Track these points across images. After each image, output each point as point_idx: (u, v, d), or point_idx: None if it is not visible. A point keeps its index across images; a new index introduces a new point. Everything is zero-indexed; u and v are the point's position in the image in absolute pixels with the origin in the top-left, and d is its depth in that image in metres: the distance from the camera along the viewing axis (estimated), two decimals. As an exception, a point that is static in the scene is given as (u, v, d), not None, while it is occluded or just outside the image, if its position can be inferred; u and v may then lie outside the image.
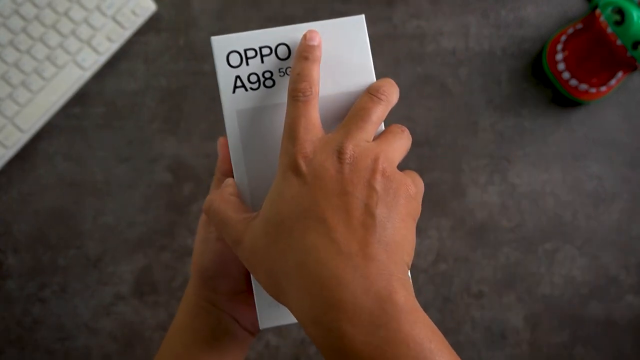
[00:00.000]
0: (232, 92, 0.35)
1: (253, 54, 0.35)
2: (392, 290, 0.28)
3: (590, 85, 0.62)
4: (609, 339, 0.62)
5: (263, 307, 0.35)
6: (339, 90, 0.35)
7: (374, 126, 0.33)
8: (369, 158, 0.31)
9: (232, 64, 0.35)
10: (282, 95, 0.35)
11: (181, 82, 0.63)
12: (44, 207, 0.61)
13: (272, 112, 0.35)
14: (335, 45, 0.35)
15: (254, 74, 0.35)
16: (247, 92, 0.35)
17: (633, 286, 0.62)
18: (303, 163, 0.31)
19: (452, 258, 0.62)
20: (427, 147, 0.63)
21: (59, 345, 0.60)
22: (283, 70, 0.35)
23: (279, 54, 0.35)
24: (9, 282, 0.61)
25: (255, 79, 0.35)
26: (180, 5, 0.64)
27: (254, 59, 0.35)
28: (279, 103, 0.35)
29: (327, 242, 0.29)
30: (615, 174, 0.63)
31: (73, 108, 0.62)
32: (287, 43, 0.35)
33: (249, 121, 0.35)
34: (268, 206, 0.31)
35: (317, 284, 0.28)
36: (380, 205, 0.30)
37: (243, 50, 0.35)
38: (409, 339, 0.27)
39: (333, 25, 0.36)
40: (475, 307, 0.61)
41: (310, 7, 0.64)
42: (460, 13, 0.65)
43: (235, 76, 0.35)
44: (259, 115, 0.35)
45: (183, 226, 0.61)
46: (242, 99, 0.35)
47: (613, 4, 0.58)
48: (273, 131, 0.35)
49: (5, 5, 0.60)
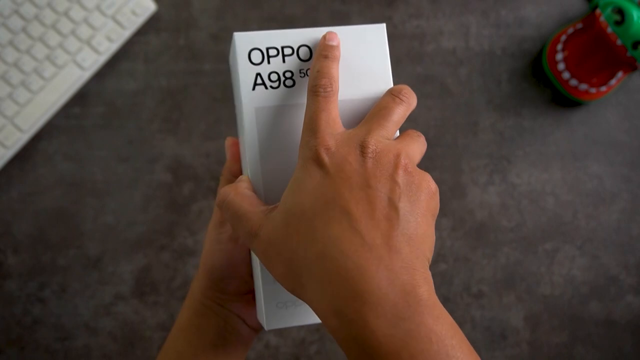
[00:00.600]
0: (252, 89, 0.35)
1: (275, 52, 0.35)
2: (415, 284, 0.28)
3: (590, 85, 0.62)
4: (609, 339, 0.62)
5: (270, 308, 0.35)
6: (357, 95, 0.35)
7: (395, 125, 0.33)
8: (391, 153, 0.31)
9: (254, 61, 0.35)
10: (302, 96, 0.35)
11: (181, 82, 0.63)
12: (44, 207, 0.61)
13: (291, 112, 0.35)
14: (355, 51, 0.36)
15: (274, 72, 0.35)
16: (267, 90, 0.35)
17: (633, 286, 0.62)
18: (325, 155, 0.31)
19: (452, 258, 0.62)
20: (427, 147, 0.63)
21: (59, 345, 0.60)
22: (304, 71, 0.35)
23: (300, 55, 0.35)
24: (9, 282, 0.61)
25: (276, 77, 0.35)
26: (180, 5, 0.64)
27: (276, 57, 0.35)
28: (298, 103, 0.35)
29: (350, 233, 0.29)
30: (615, 174, 0.63)
31: (73, 108, 0.62)
32: (309, 45, 0.36)
33: (267, 119, 0.35)
34: (288, 197, 0.31)
35: (340, 275, 0.28)
36: (403, 200, 0.30)
37: (265, 48, 0.35)
38: (431, 333, 0.27)
39: (354, 31, 0.36)
40: (475, 307, 0.61)
41: (310, 6, 0.64)
42: (460, 13, 0.65)
43: (256, 73, 0.35)
44: (278, 114, 0.35)
45: (183, 226, 0.61)
46: (262, 96, 0.35)
47: (613, 4, 0.58)
48: (291, 131, 0.35)
49: (5, 5, 0.60)
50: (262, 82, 0.35)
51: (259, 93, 0.35)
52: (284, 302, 0.35)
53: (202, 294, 0.40)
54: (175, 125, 0.63)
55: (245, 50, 0.35)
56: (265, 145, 0.35)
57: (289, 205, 0.31)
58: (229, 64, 0.45)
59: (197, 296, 0.40)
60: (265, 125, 0.35)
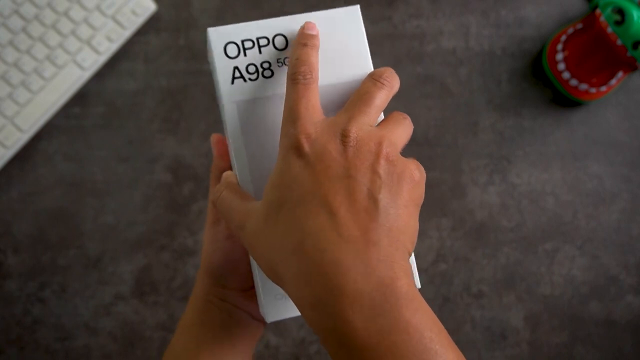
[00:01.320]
0: (231, 83, 0.34)
1: (250, 44, 0.35)
2: (393, 277, 0.28)
3: (590, 85, 0.62)
4: (609, 339, 0.62)
5: (269, 300, 0.35)
6: (337, 80, 0.35)
7: (377, 111, 0.32)
8: (372, 142, 0.30)
9: (230, 55, 0.35)
10: (282, 86, 0.35)
11: (181, 82, 0.63)
12: (44, 207, 0.61)
13: (272, 103, 0.35)
14: (332, 35, 0.35)
15: (252, 64, 0.35)
16: (246, 83, 0.34)
17: (633, 286, 0.62)
18: (306, 144, 0.30)
19: (452, 258, 0.62)
20: (427, 147, 0.63)
21: (59, 345, 0.60)
22: (281, 60, 0.35)
23: (276, 45, 0.35)
24: (9, 282, 0.61)
25: (254, 69, 0.35)
26: (180, 5, 0.64)
27: (252, 49, 0.35)
28: (278, 93, 0.35)
29: (328, 226, 0.28)
30: (615, 174, 0.63)
31: (73, 108, 0.62)
32: (284, 34, 0.35)
33: (249, 112, 0.34)
34: (269, 189, 0.31)
35: (316, 269, 0.28)
36: (383, 191, 0.29)
37: (240, 41, 0.35)
38: (409, 326, 0.27)
39: (329, 15, 0.35)
40: (475, 307, 0.61)
41: (310, 6, 0.64)
42: (460, 13, 0.65)
43: (233, 67, 0.34)
44: (259, 106, 0.35)
45: (183, 226, 0.61)
46: (241, 90, 0.34)
47: (613, 3, 0.58)
48: (274, 122, 0.35)
49: (5, 5, 0.60)
50: (240, 75, 0.35)
51: (238, 86, 0.34)
52: (282, 294, 0.35)
53: (205, 292, 0.40)
54: (175, 125, 0.63)
55: (220, 44, 0.34)
56: (249, 139, 0.34)
57: (270, 197, 0.30)
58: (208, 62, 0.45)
59: (200, 294, 0.40)
60: (248, 119, 0.34)
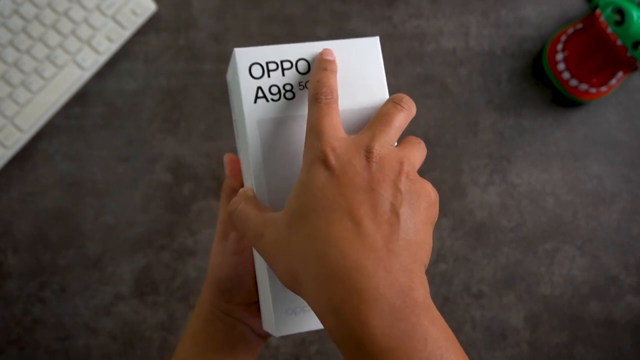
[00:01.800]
0: (254, 102, 0.36)
1: (274, 67, 0.37)
2: (412, 287, 0.29)
3: (590, 85, 0.62)
4: (609, 339, 0.62)
5: (280, 315, 0.36)
6: (355, 105, 0.37)
7: (397, 132, 0.34)
8: (394, 160, 0.32)
9: (254, 75, 0.36)
10: (302, 108, 0.36)
11: (181, 82, 0.63)
12: (44, 207, 0.61)
13: (292, 123, 0.36)
14: (352, 63, 0.37)
15: (275, 85, 0.37)
16: (268, 103, 0.36)
17: (633, 286, 0.62)
18: (332, 157, 0.31)
19: (452, 258, 0.62)
20: (427, 147, 0.63)
21: (59, 345, 0.60)
22: (303, 84, 0.37)
23: (299, 68, 0.37)
24: (9, 282, 0.61)
25: (276, 90, 0.36)
26: (180, 5, 0.64)
27: (275, 71, 0.37)
28: (299, 115, 0.36)
29: (351, 234, 0.29)
30: (615, 174, 0.63)
31: (73, 108, 0.62)
32: (307, 58, 0.37)
33: (269, 131, 0.36)
34: (293, 199, 0.32)
35: (339, 274, 0.29)
36: (404, 206, 0.31)
37: (265, 62, 0.36)
38: (427, 334, 0.28)
39: (349, 44, 0.37)
40: (475, 307, 0.61)
41: (310, 6, 0.64)
42: (460, 13, 0.65)
43: (257, 87, 0.36)
44: (280, 126, 0.36)
45: (183, 226, 0.61)
46: (263, 109, 0.36)
47: (613, 4, 0.58)
48: (293, 141, 0.36)
49: (5, 5, 0.60)
50: (263, 95, 0.36)
51: (260, 106, 0.36)
52: (293, 309, 0.36)
53: (211, 303, 0.41)
54: (175, 125, 0.63)
55: (246, 65, 0.36)
56: (268, 156, 0.36)
57: (293, 206, 0.32)
58: (226, 80, 0.46)
59: (205, 305, 0.42)
60: (268, 137, 0.36)
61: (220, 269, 0.41)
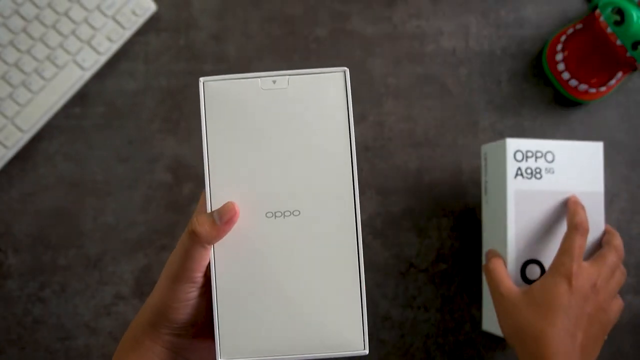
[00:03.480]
0: (514, 177, 0.53)
1: (530, 154, 0.53)
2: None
3: (590, 85, 0.62)
4: (609, 339, 0.62)
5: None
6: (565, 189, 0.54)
7: (609, 268, 0.51)
8: (609, 297, 0.50)
9: (517, 159, 0.53)
10: (546, 185, 0.53)
11: (181, 82, 0.63)
12: (44, 207, 0.62)
13: (540, 196, 0.53)
14: (575, 165, 0.54)
15: (529, 168, 0.53)
16: (523, 179, 0.53)
17: (633, 286, 0.62)
18: (574, 278, 0.48)
19: (452, 258, 0.62)
20: (427, 147, 0.63)
21: (59, 345, 0.60)
22: (549, 169, 0.54)
23: (547, 158, 0.54)
24: (9, 282, 0.61)
25: (530, 172, 0.53)
26: (180, 5, 0.64)
27: (531, 158, 0.53)
28: (546, 190, 0.53)
29: (567, 332, 0.47)
30: (615, 174, 0.63)
31: (73, 108, 0.62)
32: (553, 152, 0.54)
33: (524, 201, 0.53)
34: (537, 289, 0.49)
35: (541, 351, 0.46)
36: (606, 332, 0.51)
37: (525, 151, 0.53)
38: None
39: (574, 146, 0.55)
40: (476, 307, 0.61)
41: (310, 6, 0.64)
42: (460, 13, 0.65)
43: (517, 167, 0.53)
44: (531, 196, 0.53)
45: (183, 226, 0.61)
46: (521, 183, 0.53)
47: (613, 4, 0.58)
48: (541, 208, 0.53)
49: (6, 5, 0.60)
50: (520, 173, 0.53)
51: (519, 181, 0.53)
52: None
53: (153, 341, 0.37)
54: (175, 125, 0.63)
55: (511, 151, 0.53)
56: (521, 217, 0.53)
57: (535, 294, 0.49)
58: (485, 175, 0.58)
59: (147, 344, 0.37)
60: (521, 203, 0.53)
61: (179, 311, 0.36)
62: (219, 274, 0.36)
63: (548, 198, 0.54)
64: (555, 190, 0.54)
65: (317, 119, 0.36)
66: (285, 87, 0.36)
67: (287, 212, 0.36)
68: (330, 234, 0.36)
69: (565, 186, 0.54)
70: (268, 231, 0.36)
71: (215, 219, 0.35)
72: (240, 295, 0.35)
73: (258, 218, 0.35)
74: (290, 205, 0.36)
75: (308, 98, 0.36)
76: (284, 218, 0.36)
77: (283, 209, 0.36)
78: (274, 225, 0.35)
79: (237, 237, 0.35)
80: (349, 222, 0.36)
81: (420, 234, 0.62)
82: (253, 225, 0.35)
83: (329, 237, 0.36)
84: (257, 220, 0.35)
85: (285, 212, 0.36)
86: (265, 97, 0.36)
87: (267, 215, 0.36)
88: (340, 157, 0.36)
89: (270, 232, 0.36)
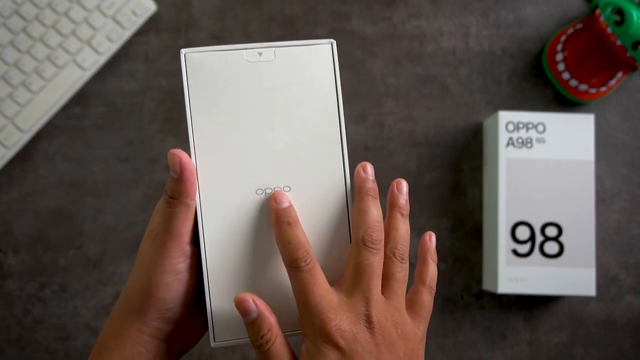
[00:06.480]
0: (505, 146, 0.58)
1: (522, 125, 0.58)
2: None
3: (590, 86, 0.62)
4: (609, 339, 0.62)
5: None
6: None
7: (379, 277, 0.33)
8: (389, 322, 0.33)
9: (509, 130, 0.58)
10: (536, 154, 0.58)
11: (181, 82, 0.63)
12: (44, 207, 0.61)
13: (531, 164, 0.58)
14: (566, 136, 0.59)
15: (520, 138, 0.58)
16: (514, 148, 0.58)
17: (633, 286, 0.62)
18: (339, 338, 0.31)
19: (452, 258, 0.62)
20: (427, 147, 0.63)
21: (59, 345, 0.60)
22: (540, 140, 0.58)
23: (538, 129, 0.58)
24: (9, 282, 0.61)
25: (521, 141, 0.58)
26: (180, 5, 0.64)
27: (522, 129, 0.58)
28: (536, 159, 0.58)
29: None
30: (615, 174, 0.63)
31: (73, 108, 0.62)
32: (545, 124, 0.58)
33: (515, 168, 0.58)
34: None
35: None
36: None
37: (517, 122, 0.58)
38: None
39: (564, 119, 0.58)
40: (475, 307, 0.61)
41: (310, 6, 0.64)
42: (460, 13, 0.65)
43: (508, 137, 0.58)
44: (522, 165, 0.58)
45: (183, 226, 0.61)
46: (511, 152, 0.58)
47: (613, 4, 0.58)
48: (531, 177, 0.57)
49: (6, 5, 0.60)
50: (511, 143, 0.57)
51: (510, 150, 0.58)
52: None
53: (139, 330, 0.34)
54: (175, 126, 0.63)
55: (503, 125, 0.58)
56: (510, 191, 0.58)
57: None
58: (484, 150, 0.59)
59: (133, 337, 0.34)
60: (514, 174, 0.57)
61: (170, 288, 0.34)
62: (210, 253, 0.35)
63: (538, 165, 0.58)
64: (545, 159, 0.58)
65: (304, 91, 0.35)
66: (272, 60, 0.35)
67: (278, 188, 0.35)
68: (322, 210, 0.35)
69: (556, 154, 0.58)
70: (259, 208, 0.35)
71: (171, 173, 0.35)
72: (231, 274, 0.35)
73: (248, 195, 0.35)
74: (280, 181, 0.35)
75: (295, 70, 0.35)
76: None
77: (273, 186, 0.35)
78: (265, 202, 0.35)
79: (228, 214, 0.35)
80: (340, 197, 0.35)
81: (420, 234, 0.62)
82: (243, 202, 0.35)
83: (320, 212, 0.35)
84: (247, 198, 0.35)
85: (276, 189, 0.35)
86: (251, 70, 0.35)
87: (257, 192, 0.35)
88: (329, 131, 0.35)
89: (261, 209, 0.35)
